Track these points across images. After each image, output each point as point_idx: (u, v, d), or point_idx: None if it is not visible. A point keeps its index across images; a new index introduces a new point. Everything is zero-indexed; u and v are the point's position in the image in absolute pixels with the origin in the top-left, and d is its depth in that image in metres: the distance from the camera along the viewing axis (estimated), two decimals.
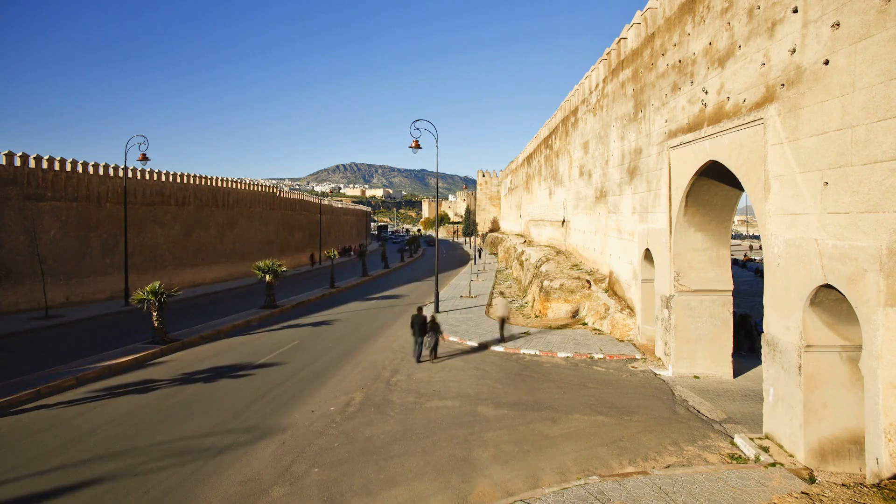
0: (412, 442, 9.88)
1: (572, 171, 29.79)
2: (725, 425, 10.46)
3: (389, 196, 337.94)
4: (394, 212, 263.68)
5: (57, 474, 8.65)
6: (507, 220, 76.13)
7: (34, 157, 26.39)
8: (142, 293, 17.58)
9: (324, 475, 8.59)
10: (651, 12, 16.05)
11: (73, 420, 11.19)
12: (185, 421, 11.06)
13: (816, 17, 8.09)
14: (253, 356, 16.55)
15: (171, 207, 35.23)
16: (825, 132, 7.87)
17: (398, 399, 12.37)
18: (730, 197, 13.22)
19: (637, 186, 17.20)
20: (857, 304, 7.25)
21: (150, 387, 13.54)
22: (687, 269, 13.73)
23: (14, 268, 25.14)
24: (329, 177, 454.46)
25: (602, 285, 21.09)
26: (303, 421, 11.03)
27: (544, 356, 16.15)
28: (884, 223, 6.82)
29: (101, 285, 29.82)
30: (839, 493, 6.16)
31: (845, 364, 8.33)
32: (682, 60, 13.39)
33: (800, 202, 8.49)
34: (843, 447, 8.29)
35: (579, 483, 7.86)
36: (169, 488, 8.19)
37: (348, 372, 14.79)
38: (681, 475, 8.04)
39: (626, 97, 18.77)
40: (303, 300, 28.92)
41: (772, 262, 9.34)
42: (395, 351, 17.22)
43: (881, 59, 6.86)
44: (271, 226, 48.30)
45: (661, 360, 14.65)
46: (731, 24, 10.81)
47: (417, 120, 23.44)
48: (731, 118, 10.71)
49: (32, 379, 13.75)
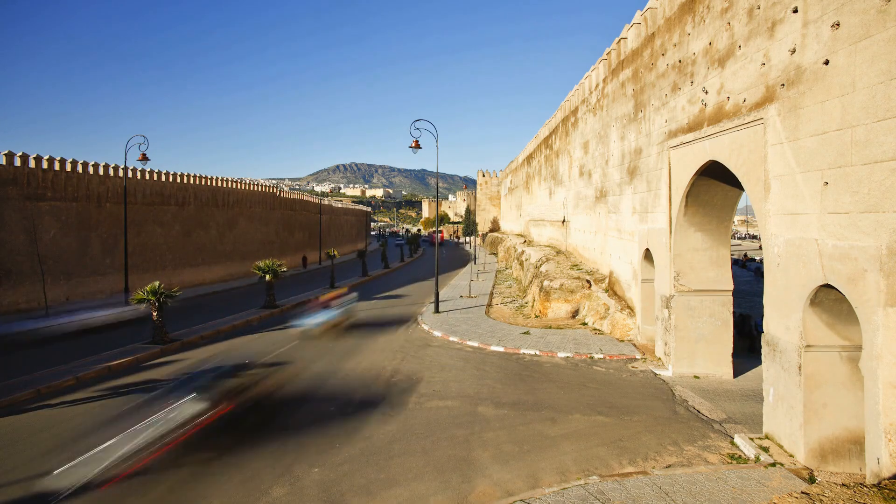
0: (412, 442, 9.88)
1: (572, 171, 29.79)
2: (725, 425, 10.46)
3: (389, 196, 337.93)
4: (394, 212, 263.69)
5: (57, 474, 8.64)
6: (507, 220, 76.12)
7: (34, 157, 26.39)
8: (142, 293, 17.58)
9: (324, 475, 8.59)
10: (651, 12, 16.05)
11: (74, 420, 11.19)
12: None
13: (816, 16, 8.09)
14: (253, 356, 16.54)
15: (171, 207, 35.23)
16: (825, 132, 7.87)
17: (398, 399, 12.37)
18: (730, 197, 13.22)
19: (637, 186, 17.20)
20: (857, 304, 7.25)
21: (150, 387, 13.53)
22: (687, 269, 13.73)
23: (14, 268, 25.13)
24: (329, 177, 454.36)
25: (602, 285, 21.09)
26: (303, 420, 11.03)
27: (544, 356, 16.15)
28: (884, 223, 6.82)
29: (101, 285, 29.82)
30: (839, 493, 6.15)
31: (845, 364, 8.33)
32: (682, 60, 13.39)
33: (800, 202, 8.49)
34: (843, 447, 8.29)
35: (579, 483, 7.86)
36: (170, 488, 8.20)
37: (349, 371, 14.79)
38: (681, 475, 8.04)
39: (626, 97, 18.77)
40: (303, 300, 28.91)
41: (772, 262, 9.34)
42: (396, 351, 17.22)
43: (881, 59, 6.86)
44: (271, 226, 48.30)
45: (661, 360, 14.65)
46: (731, 24, 10.81)
47: (417, 120, 23.51)
48: (731, 118, 10.71)
49: (32, 379, 13.76)
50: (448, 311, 24.35)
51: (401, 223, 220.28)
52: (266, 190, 47.96)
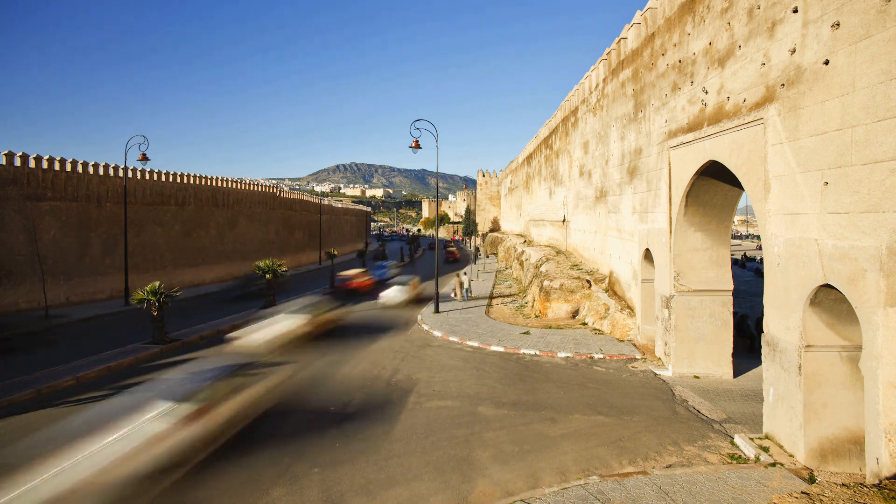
0: (412, 442, 9.88)
1: (572, 171, 29.78)
2: (725, 425, 10.47)
3: (389, 196, 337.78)
4: (394, 212, 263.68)
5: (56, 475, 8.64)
6: (507, 220, 76.10)
7: (34, 157, 26.40)
8: (142, 293, 17.58)
9: (324, 475, 8.59)
10: (651, 12, 16.05)
11: (74, 420, 11.17)
12: None
13: (816, 16, 8.09)
14: (253, 356, 16.52)
15: (171, 207, 35.24)
16: (825, 132, 7.87)
17: (398, 399, 12.37)
18: (730, 197, 13.22)
19: (637, 186, 17.20)
20: (858, 304, 7.25)
21: (151, 387, 13.51)
22: (687, 268, 13.73)
23: (14, 268, 25.14)
24: (329, 177, 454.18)
25: (602, 285, 21.09)
26: (303, 420, 11.03)
27: (544, 356, 16.15)
28: (884, 223, 6.82)
29: (101, 285, 29.83)
30: (839, 493, 6.16)
31: (845, 364, 8.33)
32: (682, 60, 13.39)
33: (800, 202, 8.49)
34: (843, 447, 8.29)
35: (579, 483, 7.86)
36: (169, 488, 8.19)
37: (348, 371, 14.79)
38: (681, 475, 8.04)
39: (626, 97, 18.76)
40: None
41: (772, 262, 9.34)
42: (396, 351, 17.21)
43: (881, 59, 6.86)
44: (271, 226, 48.30)
45: (661, 360, 14.65)
46: (731, 24, 10.81)
47: (417, 120, 23.52)
48: (731, 118, 10.71)
49: (32, 379, 13.76)
50: (448, 311, 24.35)
51: (401, 223, 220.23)
52: (266, 190, 47.96)
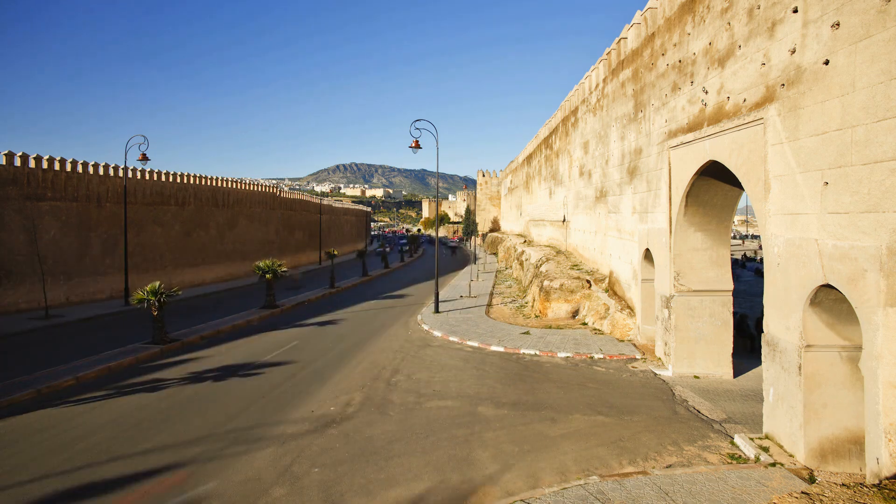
0: (412, 442, 9.87)
1: (572, 171, 29.78)
2: (725, 425, 10.46)
3: (389, 196, 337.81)
4: (394, 212, 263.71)
5: (56, 475, 8.65)
6: (507, 220, 76.10)
7: (34, 157, 26.40)
8: (142, 293, 17.57)
9: (324, 475, 8.59)
10: (651, 12, 16.05)
11: (74, 420, 11.19)
12: (185, 421, 11.05)
13: (816, 16, 8.09)
14: (253, 356, 16.55)
15: (171, 207, 35.24)
16: (825, 132, 7.87)
17: (398, 399, 12.37)
18: (730, 197, 13.22)
19: (637, 186, 17.20)
20: (858, 304, 7.25)
21: (150, 387, 13.54)
22: (687, 269, 13.73)
23: (14, 268, 25.14)
24: (329, 177, 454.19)
25: (602, 285, 21.09)
26: (303, 421, 11.03)
27: (544, 356, 16.15)
28: (884, 223, 6.82)
29: (101, 285, 29.83)
30: (839, 493, 6.16)
31: (845, 364, 8.33)
32: (682, 60, 13.39)
33: (800, 202, 8.49)
34: (843, 447, 8.29)
35: (579, 483, 7.86)
36: (168, 488, 8.19)
37: (349, 372, 14.79)
38: (681, 475, 8.04)
39: (626, 97, 18.76)
40: (302, 300, 28.92)
41: (772, 262, 9.34)
42: (396, 351, 17.21)
43: (881, 59, 6.86)
44: (271, 226, 48.31)
45: (661, 360, 14.65)
46: (731, 24, 10.81)
47: (417, 120, 23.69)
48: (731, 118, 10.71)
49: (32, 379, 13.76)
50: (448, 311, 24.36)
51: (401, 223, 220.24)
52: (266, 190, 47.97)
